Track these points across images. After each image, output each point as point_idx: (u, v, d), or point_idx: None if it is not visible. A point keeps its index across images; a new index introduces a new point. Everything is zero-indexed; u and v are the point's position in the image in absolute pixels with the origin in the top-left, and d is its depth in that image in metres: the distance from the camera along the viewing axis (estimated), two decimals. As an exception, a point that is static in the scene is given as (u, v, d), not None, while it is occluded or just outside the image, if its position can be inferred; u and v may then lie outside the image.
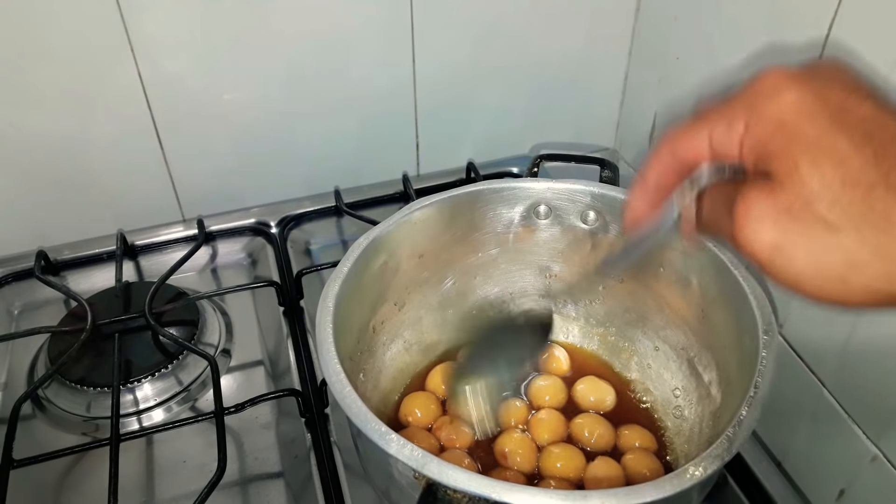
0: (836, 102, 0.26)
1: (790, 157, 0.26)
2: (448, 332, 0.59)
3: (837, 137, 0.25)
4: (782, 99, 0.27)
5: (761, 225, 0.27)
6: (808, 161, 0.26)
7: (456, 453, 0.50)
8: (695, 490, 0.36)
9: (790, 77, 0.28)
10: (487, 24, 0.70)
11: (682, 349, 0.53)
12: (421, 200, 0.53)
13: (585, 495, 0.34)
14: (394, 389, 0.55)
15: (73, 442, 0.52)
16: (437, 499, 0.36)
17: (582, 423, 0.52)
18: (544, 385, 0.55)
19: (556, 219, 0.55)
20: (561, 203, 0.54)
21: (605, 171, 0.63)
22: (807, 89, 0.27)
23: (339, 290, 0.46)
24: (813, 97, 0.27)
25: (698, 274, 0.49)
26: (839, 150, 0.25)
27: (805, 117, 0.26)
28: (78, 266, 0.68)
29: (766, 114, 0.27)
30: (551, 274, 0.59)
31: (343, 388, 0.40)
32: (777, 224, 0.26)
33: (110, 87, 0.63)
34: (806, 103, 0.27)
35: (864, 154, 0.25)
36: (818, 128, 0.26)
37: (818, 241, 0.26)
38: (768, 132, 0.27)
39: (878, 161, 0.25)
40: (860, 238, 0.25)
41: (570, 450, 0.50)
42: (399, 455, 0.36)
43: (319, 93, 0.70)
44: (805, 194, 0.26)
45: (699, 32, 0.63)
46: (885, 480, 0.48)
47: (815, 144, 0.26)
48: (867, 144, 0.25)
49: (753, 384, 0.39)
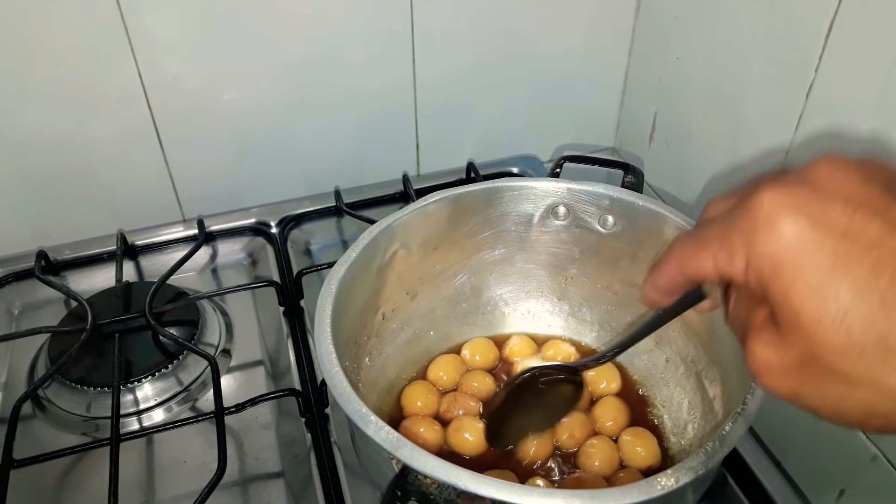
0: (839, 229, 0.24)
1: (791, 306, 0.24)
2: (460, 326, 0.59)
3: (840, 284, 0.23)
4: (779, 234, 0.25)
5: (775, 379, 0.26)
6: (810, 313, 0.24)
7: (465, 422, 0.51)
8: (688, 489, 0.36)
9: (786, 203, 0.25)
10: (487, 24, 0.70)
11: (691, 362, 0.52)
12: (438, 193, 0.53)
13: (550, 493, 0.34)
14: (401, 377, 0.56)
15: (73, 442, 0.52)
16: (407, 482, 0.36)
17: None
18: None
19: (574, 221, 0.55)
20: (580, 205, 0.54)
21: (629, 175, 0.63)
22: (804, 218, 0.24)
23: (346, 273, 0.47)
24: (812, 228, 0.24)
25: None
26: (842, 300, 0.23)
27: (803, 258, 0.24)
28: (78, 266, 0.68)
29: (763, 252, 0.25)
30: (567, 276, 0.59)
31: (332, 368, 0.41)
32: (789, 378, 0.25)
33: (110, 87, 0.63)
34: (804, 239, 0.24)
35: (870, 302, 0.23)
36: (818, 272, 0.24)
37: (834, 394, 0.25)
38: (767, 275, 0.25)
39: (885, 307, 0.23)
40: (876, 390, 0.24)
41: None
42: (375, 437, 0.36)
43: (319, 93, 0.70)
44: (811, 348, 0.24)
45: (699, 32, 0.63)
46: (884, 480, 0.48)
47: (816, 294, 0.24)
48: (874, 287, 0.23)
49: (743, 401, 0.39)
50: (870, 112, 0.45)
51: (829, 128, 0.50)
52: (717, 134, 0.63)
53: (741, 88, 0.58)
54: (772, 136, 0.55)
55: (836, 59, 0.48)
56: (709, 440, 0.37)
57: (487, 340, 0.59)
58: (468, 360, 0.57)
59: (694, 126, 0.67)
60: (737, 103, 0.59)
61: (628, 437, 0.51)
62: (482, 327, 0.60)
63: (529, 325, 0.61)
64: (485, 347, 0.58)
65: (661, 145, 0.73)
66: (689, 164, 0.69)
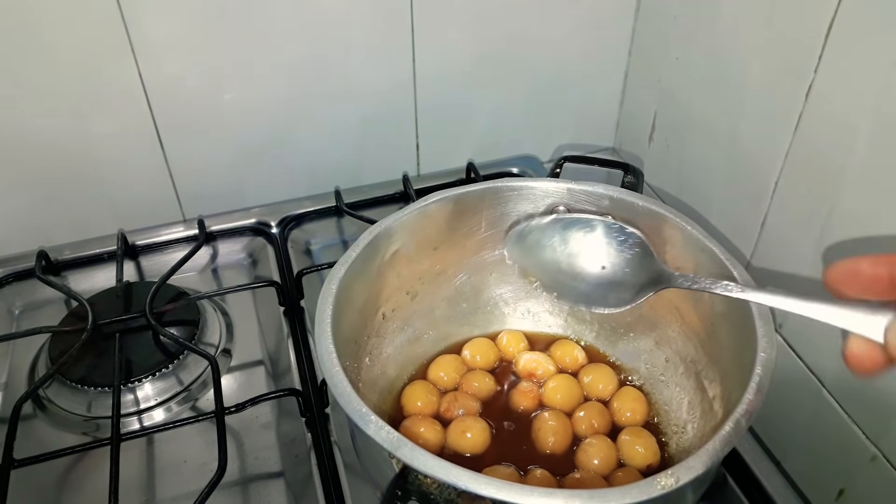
0: None
1: None
2: (460, 326, 0.59)
3: None
4: None
5: None
6: None
7: (467, 420, 0.51)
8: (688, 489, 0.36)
9: None
10: (488, 24, 0.70)
11: (691, 362, 0.52)
12: (438, 193, 0.53)
13: (550, 493, 0.34)
14: (401, 377, 0.56)
15: (73, 442, 0.53)
16: (407, 482, 0.36)
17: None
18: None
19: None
20: (580, 205, 0.54)
21: (629, 176, 0.63)
22: None
23: (346, 273, 0.47)
24: None
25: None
26: None
27: None
28: (79, 266, 0.69)
29: None
30: None
31: (333, 367, 0.41)
32: None
33: (110, 87, 0.63)
34: None
35: None
36: None
37: None
38: None
39: None
40: None
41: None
42: (375, 436, 0.36)
43: (320, 93, 0.70)
44: None
45: (699, 32, 0.63)
46: (884, 480, 0.48)
47: None
48: None
49: (742, 401, 0.39)
50: (870, 112, 0.45)
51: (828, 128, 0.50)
52: (717, 134, 0.63)
53: (741, 88, 0.58)
54: (772, 137, 0.55)
55: (836, 59, 0.48)
56: (709, 440, 0.37)
57: (488, 340, 0.59)
58: (468, 361, 0.57)
59: (694, 126, 0.67)
60: (737, 103, 0.59)
61: (627, 437, 0.51)
62: (482, 327, 0.60)
63: (529, 324, 0.61)
64: (485, 347, 0.58)
65: (660, 145, 0.73)
66: (688, 164, 0.69)
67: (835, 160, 0.49)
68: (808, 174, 0.52)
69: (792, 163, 0.53)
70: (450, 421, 0.52)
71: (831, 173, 0.49)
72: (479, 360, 0.57)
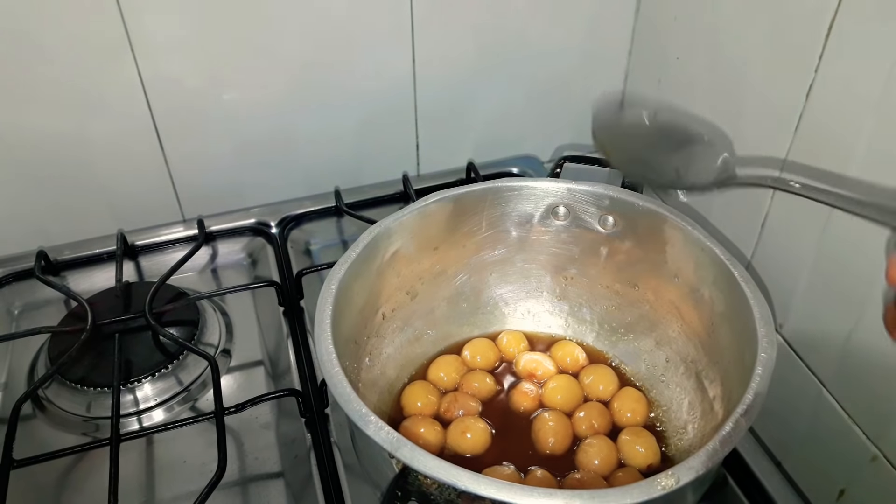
0: None
1: None
2: (460, 326, 0.59)
3: None
4: None
5: None
6: None
7: (467, 421, 0.51)
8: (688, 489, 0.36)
9: None
10: (487, 24, 0.70)
11: (691, 362, 0.52)
12: (438, 193, 0.53)
13: (550, 493, 0.34)
14: (401, 377, 0.56)
15: (73, 442, 0.53)
16: (407, 482, 0.36)
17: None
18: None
19: (574, 221, 0.55)
20: (580, 205, 0.54)
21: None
22: None
23: (346, 273, 0.47)
24: None
25: (710, 286, 0.49)
26: None
27: None
28: (78, 266, 0.68)
29: None
30: (567, 276, 0.59)
31: (332, 368, 0.41)
32: None
33: (110, 87, 0.63)
34: None
35: None
36: None
37: None
38: None
39: None
40: None
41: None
42: (375, 437, 0.37)
43: (320, 93, 0.70)
44: None
45: (699, 32, 0.63)
46: (884, 480, 0.48)
47: None
48: None
49: (743, 401, 0.39)
50: (870, 112, 0.45)
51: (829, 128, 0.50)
52: (717, 134, 0.62)
53: (741, 89, 0.58)
54: (772, 137, 0.55)
55: (836, 59, 0.48)
56: (709, 440, 0.37)
57: (488, 341, 0.59)
58: (469, 361, 0.57)
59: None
60: (737, 103, 0.59)
61: (627, 437, 0.51)
62: (482, 327, 0.60)
63: (529, 325, 0.61)
64: (485, 348, 0.58)
65: (661, 145, 0.73)
66: (689, 164, 0.68)
67: (835, 160, 0.49)
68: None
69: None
70: (450, 421, 0.52)
71: (831, 173, 0.49)
72: (479, 361, 0.57)
